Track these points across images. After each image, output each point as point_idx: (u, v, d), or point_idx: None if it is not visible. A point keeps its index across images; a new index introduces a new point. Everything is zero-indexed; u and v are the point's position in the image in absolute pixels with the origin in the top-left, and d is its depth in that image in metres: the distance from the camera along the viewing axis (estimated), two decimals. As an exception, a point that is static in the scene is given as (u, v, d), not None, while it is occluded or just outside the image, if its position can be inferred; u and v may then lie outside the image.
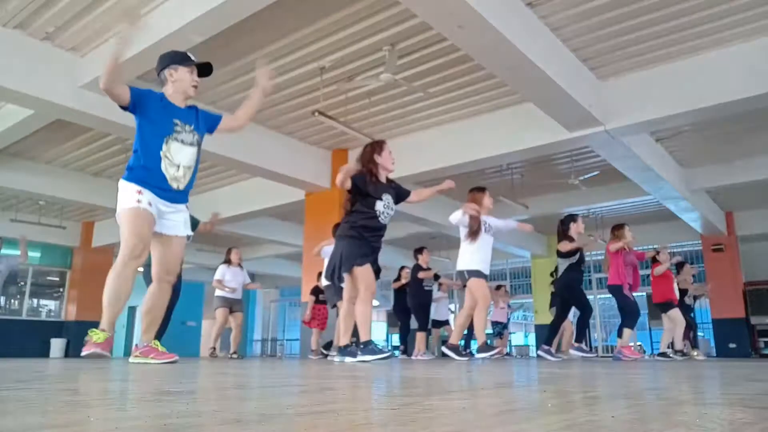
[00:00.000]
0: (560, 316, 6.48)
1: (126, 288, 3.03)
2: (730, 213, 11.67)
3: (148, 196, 3.03)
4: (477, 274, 5.13)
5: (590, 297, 13.37)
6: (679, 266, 8.27)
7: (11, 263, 8.08)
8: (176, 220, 3.20)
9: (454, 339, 5.43)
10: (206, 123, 3.35)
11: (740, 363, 5.15)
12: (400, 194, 4.21)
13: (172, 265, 3.25)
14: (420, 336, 8.09)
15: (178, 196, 3.19)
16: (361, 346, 4.03)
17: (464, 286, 5.32)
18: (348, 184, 3.93)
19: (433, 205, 10.10)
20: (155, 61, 3.30)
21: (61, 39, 5.54)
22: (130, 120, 3.22)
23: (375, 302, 4.27)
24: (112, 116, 5.94)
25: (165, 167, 3.08)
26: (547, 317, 14.36)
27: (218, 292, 7.63)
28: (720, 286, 10.32)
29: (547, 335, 6.42)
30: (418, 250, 8.14)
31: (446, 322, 9.37)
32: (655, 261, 7.50)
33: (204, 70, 3.29)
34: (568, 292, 6.27)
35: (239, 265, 7.85)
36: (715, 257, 11.59)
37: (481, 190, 5.30)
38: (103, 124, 6.32)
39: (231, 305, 7.63)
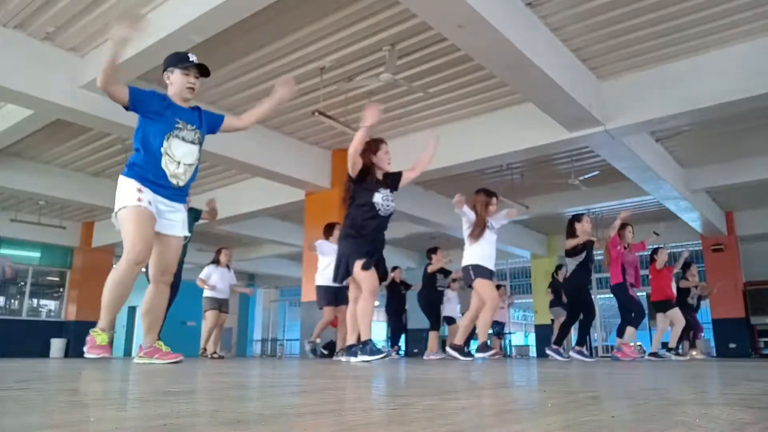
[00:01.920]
0: (572, 318, 6.39)
1: (127, 293, 3.04)
2: (730, 213, 11.67)
3: (147, 194, 2.99)
4: (482, 272, 5.12)
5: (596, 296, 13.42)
6: (686, 266, 8.28)
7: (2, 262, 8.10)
8: (175, 220, 3.17)
9: (459, 340, 5.41)
10: (209, 123, 3.33)
11: (740, 363, 5.15)
12: (395, 181, 4.22)
13: (169, 265, 3.22)
14: (432, 335, 8.05)
15: (176, 195, 3.16)
16: (360, 346, 4.03)
17: (469, 285, 5.31)
18: (359, 164, 3.98)
19: (434, 205, 10.12)
20: (156, 61, 3.32)
21: (61, 39, 5.54)
22: (130, 120, 3.24)
23: (376, 302, 4.26)
24: (112, 116, 5.94)
25: (165, 164, 3.05)
26: (547, 317, 14.37)
27: (207, 293, 7.57)
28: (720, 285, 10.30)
29: (557, 335, 6.41)
30: (432, 250, 8.12)
31: (455, 320, 9.34)
32: (653, 260, 7.52)
33: (203, 70, 3.25)
34: (575, 295, 6.26)
35: (227, 266, 7.84)
36: (715, 257, 11.59)
37: (489, 195, 5.31)
38: (103, 124, 6.31)
39: (220, 305, 7.61)
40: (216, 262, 7.79)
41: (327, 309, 6.68)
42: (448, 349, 5.44)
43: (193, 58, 3.21)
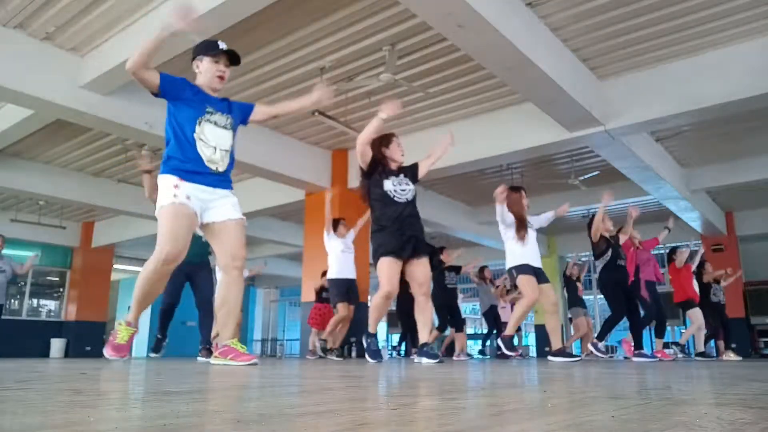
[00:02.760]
0: (632, 315, 6.45)
1: (157, 290, 2.98)
2: (730, 213, 11.67)
3: (185, 188, 2.90)
4: (524, 269, 5.11)
5: (590, 297, 13.37)
6: (700, 266, 8.27)
7: (14, 267, 8.10)
8: (223, 205, 3.05)
9: (510, 331, 5.32)
10: (240, 111, 3.25)
11: (740, 363, 5.15)
12: (414, 172, 4.22)
13: (236, 249, 3.03)
14: (459, 336, 7.96)
15: (218, 180, 3.05)
16: (368, 341, 4.14)
17: (513, 285, 5.33)
18: (368, 154, 4.01)
19: (434, 206, 10.12)
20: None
21: (61, 39, 5.53)
22: (130, 120, 3.23)
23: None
24: (112, 116, 5.94)
25: (200, 149, 2.96)
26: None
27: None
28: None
29: (635, 338, 6.52)
30: (439, 250, 8.09)
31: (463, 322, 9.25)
32: (671, 260, 7.50)
33: (233, 58, 3.17)
34: (604, 292, 6.36)
35: None
36: (715, 257, 11.56)
37: (517, 190, 5.31)
38: (103, 124, 6.31)
39: None
40: None
41: (340, 305, 6.63)
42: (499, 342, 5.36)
43: (222, 45, 3.13)
